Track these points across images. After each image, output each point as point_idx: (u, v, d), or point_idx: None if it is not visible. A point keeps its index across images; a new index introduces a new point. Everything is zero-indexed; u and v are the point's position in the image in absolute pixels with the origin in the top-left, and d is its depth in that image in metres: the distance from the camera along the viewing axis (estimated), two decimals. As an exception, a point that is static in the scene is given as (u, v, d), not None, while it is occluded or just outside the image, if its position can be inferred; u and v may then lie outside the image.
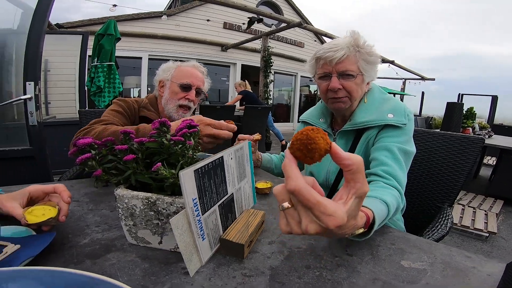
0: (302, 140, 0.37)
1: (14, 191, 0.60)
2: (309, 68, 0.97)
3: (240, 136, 1.03)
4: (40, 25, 1.75)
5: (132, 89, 8.32)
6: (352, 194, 0.38)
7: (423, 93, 11.61)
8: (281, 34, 9.58)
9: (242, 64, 9.67)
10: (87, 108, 2.86)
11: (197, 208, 0.41)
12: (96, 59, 4.08)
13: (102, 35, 4.12)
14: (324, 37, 10.48)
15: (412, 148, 0.83)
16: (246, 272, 0.47)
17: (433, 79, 12.93)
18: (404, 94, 12.40)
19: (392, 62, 10.32)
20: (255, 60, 9.54)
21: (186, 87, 1.24)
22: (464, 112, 3.94)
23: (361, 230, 0.48)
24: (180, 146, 0.51)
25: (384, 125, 0.85)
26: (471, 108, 4.04)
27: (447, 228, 0.81)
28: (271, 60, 6.53)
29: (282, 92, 11.83)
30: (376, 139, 0.86)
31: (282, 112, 11.49)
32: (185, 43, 8.22)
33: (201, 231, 0.43)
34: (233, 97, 9.25)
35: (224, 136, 0.87)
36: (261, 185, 0.85)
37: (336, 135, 0.96)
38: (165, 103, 1.26)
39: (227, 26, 9.18)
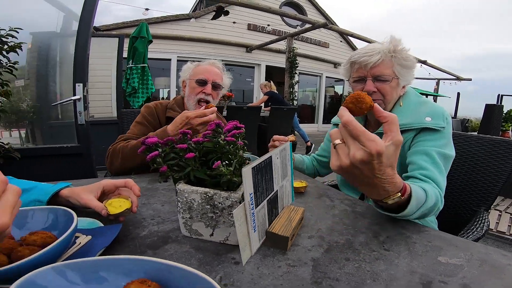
0: (354, 96, 0.53)
1: (88, 184, 0.67)
2: (344, 71, 1.01)
3: (275, 137, 1.08)
4: (87, 29, 1.90)
5: (161, 90, 8.66)
6: (389, 140, 0.49)
7: (458, 94, 11.05)
8: (306, 34, 9.54)
9: (266, 65, 9.74)
10: (123, 109, 3.03)
11: (252, 202, 0.47)
12: (131, 61, 4.30)
13: (136, 37, 4.34)
14: (350, 38, 10.29)
15: (451, 152, 0.84)
16: (290, 263, 0.51)
17: (470, 79, 12.26)
18: (437, 95, 11.85)
19: (424, 62, 9.93)
20: (279, 61, 9.58)
21: (202, 82, 1.32)
22: (504, 114, 3.74)
23: (398, 195, 0.56)
24: (232, 146, 0.57)
25: (421, 128, 0.86)
26: (511, 111, 3.82)
27: (483, 231, 0.81)
28: (296, 61, 6.53)
29: (306, 93, 11.75)
30: (413, 142, 0.87)
31: (307, 113, 11.41)
32: (210, 44, 8.44)
33: (253, 223, 0.49)
34: (258, 97, 9.33)
35: (211, 118, 1.10)
36: (296, 184, 0.89)
37: None
38: (186, 100, 1.35)
39: (251, 27, 9.29)
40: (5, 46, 1.49)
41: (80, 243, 0.51)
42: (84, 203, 0.62)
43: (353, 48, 11.69)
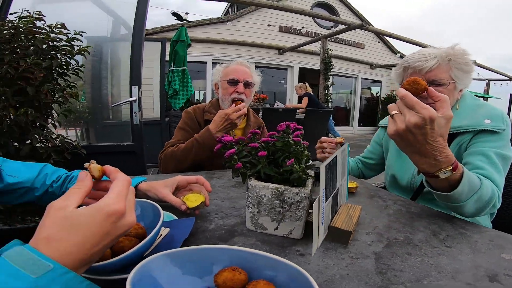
0: (411, 79, 0.63)
1: (164, 180, 0.74)
2: (396, 76, 1.02)
3: (323, 138, 1.13)
4: (140, 34, 2.07)
5: (198, 92, 9.00)
6: (441, 113, 0.59)
7: (511, 95, 10.21)
8: (340, 35, 9.39)
9: (299, 67, 9.71)
10: (171, 110, 3.20)
11: (324, 197, 0.52)
12: (172, 64, 4.55)
13: (176, 41, 4.57)
14: (387, 38, 9.92)
15: (510, 153, 0.84)
16: (353, 255, 0.56)
17: (524, 80, 11.25)
18: (488, 97, 11.04)
19: (473, 62, 9.29)
20: (312, 63, 9.51)
21: (233, 82, 1.38)
22: None
23: (450, 168, 0.63)
24: (298, 145, 0.63)
25: (479, 130, 0.86)
26: None
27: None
28: (331, 63, 6.46)
29: (340, 95, 11.52)
30: (470, 144, 0.88)
31: (341, 116, 11.19)
32: (244, 47, 8.61)
33: (322, 217, 0.54)
34: (291, 99, 9.34)
35: (244, 110, 1.26)
36: (349, 184, 0.93)
37: None
38: (221, 102, 1.44)
39: (283, 29, 9.32)
40: (75, 49, 1.66)
41: (161, 234, 0.55)
42: (162, 197, 0.68)
43: (391, 48, 11.26)
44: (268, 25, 8.98)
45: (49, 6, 1.77)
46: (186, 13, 8.46)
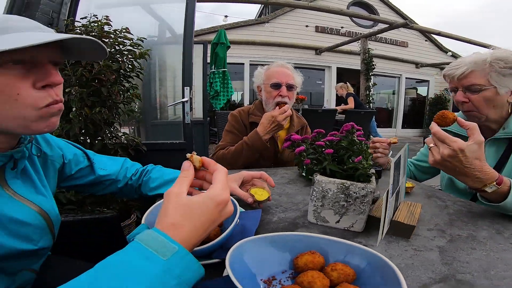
0: (440, 114, 0.77)
1: (231, 174, 0.79)
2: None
3: (376, 139, 1.15)
4: (190, 38, 2.20)
5: (236, 93, 9.23)
6: (471, 140, 0.69)
7: None
8: (380, 34, 9.05)
9: (337, 67, 9.52)
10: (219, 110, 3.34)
11: (391, 192, 0.57)
12: (213, 66, 4.76)
13: (216, 44, 4.77)
14: (435, 36, 9.34)
15: None
16: (416, 248, 0.59)
17: None
18: None
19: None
20: (351, 63, 9.27)
21: (276, 85, 1.41)
22: None
23: (494, 183, 0.70)
24: (362, 144, 0.68)
25: None
26: None
27: None
28: (373, 63, 6.27)
29: (381, 95, 11.05)
30: None
31: (383, 117, 10.70)
32: (280, 48, 8.64)
33: (387, 211, 0.59)
34: (329, 100, 9.20)
35: (289, 112, 1.31)
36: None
37: (485, 143, 0.99)
38: (265, 105, 1.48)
39: (319, 29, 9.19)
40: (137, 52, 1.84)
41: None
42: (232, 191, 0.73)
43: (439, 46, 10.57)
44: (306, 26, 8.93)
45: (103, 11, 1.94)
46: (226, 16, 8.74)
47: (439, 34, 6.27)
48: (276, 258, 0.50)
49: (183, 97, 2.17)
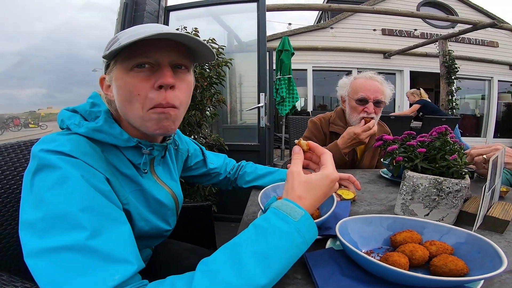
0: None
1: None
2: None
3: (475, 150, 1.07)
4: (263, 47, 2.37)
5: (300, 99, 9.31)
6: None
7: None
8: (463, 35, 8.11)
9: (410, 71, 8.85)
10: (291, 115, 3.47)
11: (488, 187, 0.61)
12: (279, 73, 4.92)
13: (281, 51, 4.92)
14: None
15: None
16: (509, 240, 0.61)
17: None
18: None
19: None
20: (427, 66, 8.53)
21: (362, 101, 1.30)
22: None
23: None
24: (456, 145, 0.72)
25: None
26: None
27: None
28: (456, 65, 5.67)
29: (466, 100, 9.81)
30: None
31: (468, 124, 9.49)
32: (344, 52, 8.42)
33: (483, 203, 0.63)
34: (401, 106, 8.60)
35: (375, 130, 1.28)
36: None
37: None
38: (349, 117, 1.41)
39: (386, 32, 8.66)
40: (221, 60, 2.08)
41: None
42: None
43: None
44: (374, 30, 8.56)
45: (180, 23, 2.18)
46: (290, 24, 8.93)
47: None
48: (373, 235, 0.59)
49: (258, 103, 2.36)
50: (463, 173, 0.68)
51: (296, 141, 0.66)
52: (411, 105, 4.90)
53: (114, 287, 0.39)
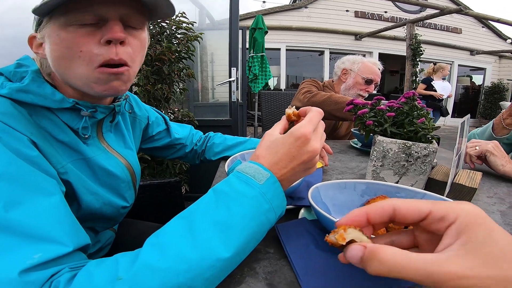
0: None
1: None
2: None
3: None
4: (235, 23, 2.27)
5: (272, 78, 9.23)
6: None
7: None
8: (429, 20, 8.39)
9: (379, 53, 9.07)
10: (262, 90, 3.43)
11: (455, 153, 0.60)
12: (252, 51, 4.82)
13: (254, 29, 4.81)
14: (492, 23, 8.46)
15: None
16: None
17: None
18: None
19: None
20: (395, 48, 8.79)
21: (369, 81, 1.47)
22: None
23: None
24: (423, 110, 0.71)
25: None
26: None
27: None
28: (421, 48, 5.90)
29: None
30: None
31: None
32: (317, 33, 8.41)
33: (451, 168, 0.63)
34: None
35: None
36: None
37: None
38: (345, 88, 1.50)
39: (359, 14, 8.77)
40: (191, 35, 1.95)
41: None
42: None
43: (497, 33, 9.59)
44: (347, 11, 8.57)
45: None
46: (264, 1, 8.66)
47: (498, 21, 5.69)
48: (346, 203, 0.57)
49: (229, 77, 2.27)
50: (431, 137, 0.67)
51: (286, 109, 0.59)
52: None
53: (31, 267, 0.33)
